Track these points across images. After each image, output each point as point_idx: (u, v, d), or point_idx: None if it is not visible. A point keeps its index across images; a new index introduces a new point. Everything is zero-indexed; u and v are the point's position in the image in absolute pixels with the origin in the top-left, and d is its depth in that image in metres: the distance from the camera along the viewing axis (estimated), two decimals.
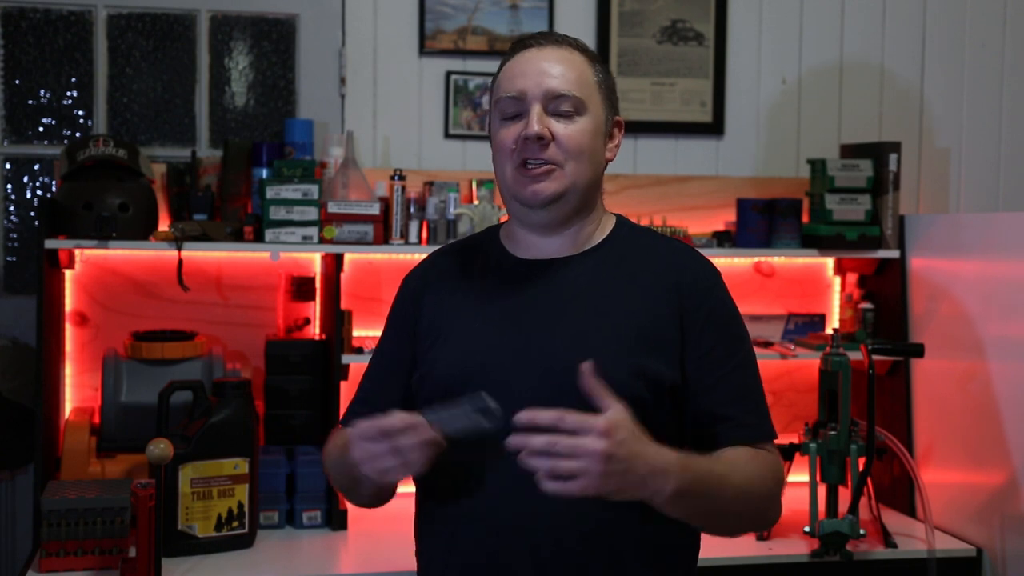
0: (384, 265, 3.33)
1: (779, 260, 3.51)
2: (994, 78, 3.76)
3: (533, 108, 1.72)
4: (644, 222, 3.07)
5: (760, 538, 2.93)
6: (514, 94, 1.73)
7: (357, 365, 3.09)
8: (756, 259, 3.41)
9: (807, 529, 2.91)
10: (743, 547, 2.86)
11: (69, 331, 3.20)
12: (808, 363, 3.06)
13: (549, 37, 1.78)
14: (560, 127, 1.72)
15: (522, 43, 1.79)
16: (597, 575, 1.67)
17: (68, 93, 3.32)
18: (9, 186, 3.32)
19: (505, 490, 1.66)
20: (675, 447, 1.64)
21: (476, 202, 3.22)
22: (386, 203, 3.14)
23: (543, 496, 1.49)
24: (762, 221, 3.31)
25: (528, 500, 1.59)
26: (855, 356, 3.05)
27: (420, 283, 1.86)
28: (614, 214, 1.85)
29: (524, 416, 1.49)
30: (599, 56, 1.82)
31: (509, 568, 1.67)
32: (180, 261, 2.98)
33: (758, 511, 1.72)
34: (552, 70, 1.73)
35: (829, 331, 3.40)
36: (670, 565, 1.74)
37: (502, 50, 3.41)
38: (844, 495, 3.02)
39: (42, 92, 3.31)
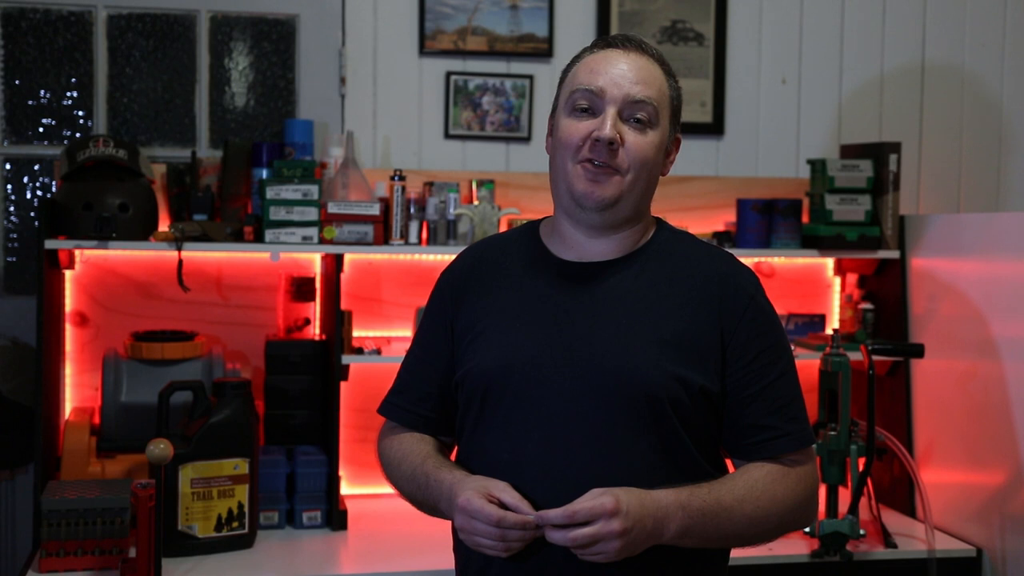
0: (384, 266, 3.33)
1: (779, 260, 3.51)
2: (994, 78, 3.76)
3: (609, 110, 1.72)
4: None
5: None
6: (593, 89, 1.73)
7: (357, 365, 3.10)
8: (756, 259, 3.41)
9: (807, 529, 2.91)
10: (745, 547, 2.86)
11: (69, 331, 3.20)
12: (808, 363, 3.06)
13: (634, 41, 1.77)
14: (631, 135, 1.72)
15: (606, 41, 1.78)
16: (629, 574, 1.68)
17: (68, 93, 3.32)
18: (9, 186, 3.32)
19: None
20: (711, 449, 1.74)
21: (476, 202, 3.22)
22: (386, 203, 3.14)
23: None
24: (762, 221, 3.31)
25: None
26: (855, 356, 3.04)
27: (460, 280, 1.86)
28: (654, 216, 1.85)
29: (536, 519, 1.59)
30: (673, 72, 1.81)
31: (542, 565, 1.68)
32: (180, 261, 2.98)
33: (784, 524, 1.75)
34: (634, 76, 1.73)
35: (829, 331, 3.40)
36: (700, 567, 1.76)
37: (502, 50, 3.42)
38: (844, 495, 3.02)
39: (42, 92, 3.31)
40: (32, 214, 3.33)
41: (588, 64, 1.76)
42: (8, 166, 3.32)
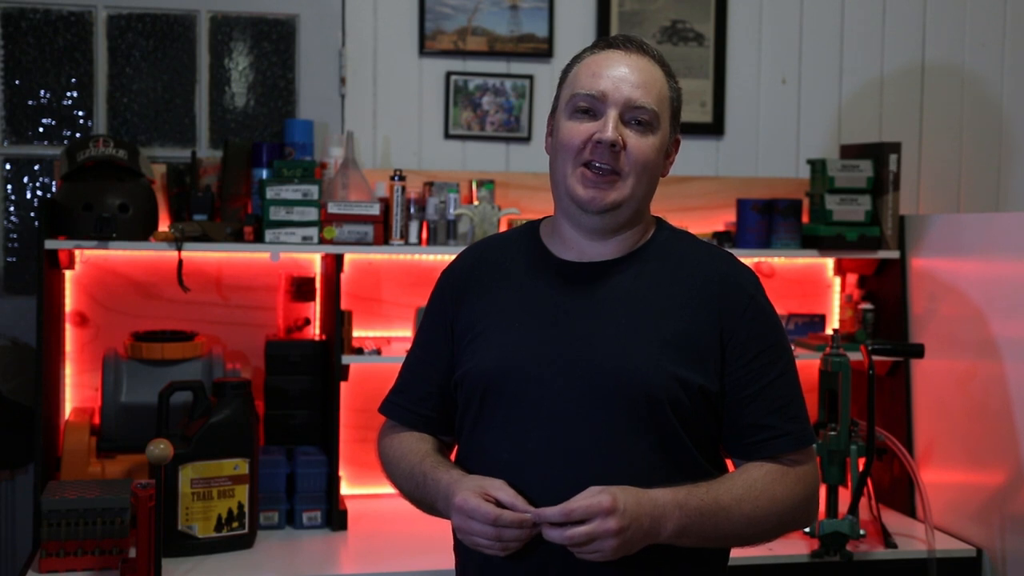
0: (384, 265, 3.33)
1: (779, 260, 3.51)
2: (994, 78, 3.76)
3: (610, 113, 1.71)
4: None
5: None
6: (594, 93, 1.72)
7: (357, 365, 3.10)
8: (756, 259, 3.41)
9: (807, 529, 2.91)
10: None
11: (69, 331, 3.20)
12: (808, 363, 3.06)
13: (634, 42, 1.77)
14: (632, 138, 1.72)
15: (607, 42, 1.78)
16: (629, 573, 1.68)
17: (68, 93, 3.32)
18: (9, 186, 3.32)
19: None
20: (711, 449, 1.74)
21: (476, 202, 3.22)
22: (386, 203, 3.14)
23: None
24: (762, 221, 3.31)
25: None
26: (855, 356, 3.04)
27: (460, 280, 1.86)
28: (654, 216, 1.85)
29: (533, 517, 1.60)
30: (673, 72, 1.81)
31: (540, 564, 1.68)
32: (180, 261, 2.98)
33: (783, 524, 1.75)
34: (635, 79, 1.73)
35: (829, 331, 3.40)
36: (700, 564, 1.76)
37: (502, 50, 3.42)
38: (844, 495, 3.02)
39: (42, 92, 3.31)
40: (32, 214, 3.33)
41: (589, 66, 1.76)
42: (8, 166, 3.32)
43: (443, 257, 3.12)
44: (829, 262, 3.59)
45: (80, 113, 3.33)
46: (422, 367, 1.87)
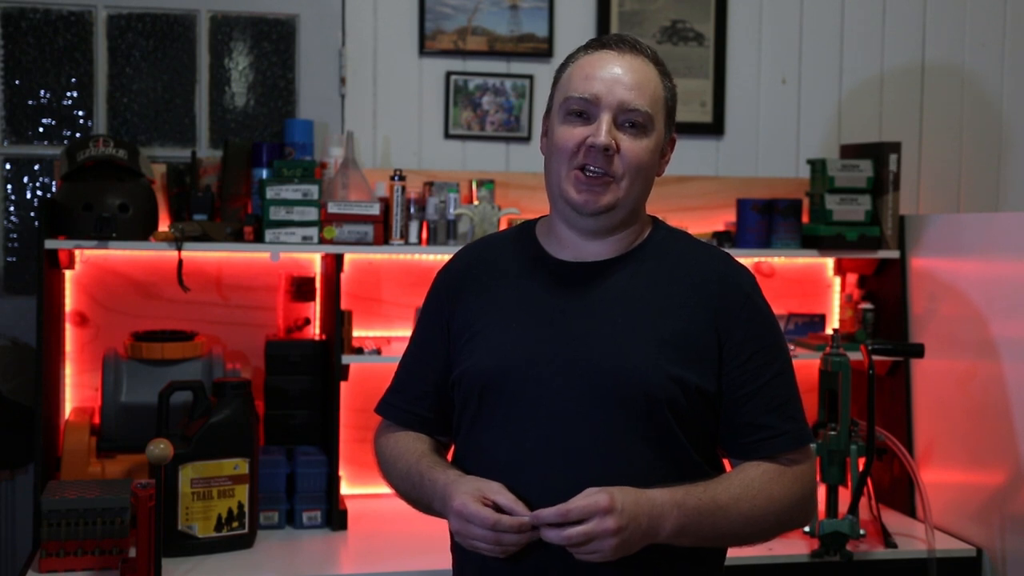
0: (384, 265, 3.33)
1: (779, 260, 3.51)
2: (994, 78, 3.76)
3: (603, 117, 1.71)
4: None
5: None
6: (587, 96, 1.72)
7: (357, 365, 3.10)
8: (756, 259, 3.41)
9: (807, 529, 2.91)
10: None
11: (69, 331, 3.20)
12: (808, 363, 3.06)
13: (628, 42, 1.76)
14: (626, 141, 1.72)
15: (600, 42, 1.77)
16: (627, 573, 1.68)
17: (68, 93, 3.32)
18: (9, 186, 3.32)
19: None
20: (709, 448, 1.73)
21: (476, 202, 3.22)
22: (386, 203, 3.14)
23: None
24: (762, 221, 3.31)
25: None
26: (855, 356, 3.04)
27: (456, 279, 1.86)
28: (650, 216, 1.85)
29: (531, 519, 1.59)
30: (668, 70, 1.80)
31: (539, 565, 1.68)
32: (180, 261, 2.98)
33: (781, 523, 1.75)
34: (628, 80, 1.72)
35: (829, 331, 3.40)
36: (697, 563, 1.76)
37: (502, 50, 3.42)
38: (844, 495, 3.02)
39: (42, 92, 3.31)
40: (32, 214, 3.33)
41: (582, 67, 1.75)
42: (8, 166, 3.32)
43: (443, 257, 3.10)
44: (829, 262, 3.58)
45: (80, 113, 3.33)
46: (418, 366, 1.88)
